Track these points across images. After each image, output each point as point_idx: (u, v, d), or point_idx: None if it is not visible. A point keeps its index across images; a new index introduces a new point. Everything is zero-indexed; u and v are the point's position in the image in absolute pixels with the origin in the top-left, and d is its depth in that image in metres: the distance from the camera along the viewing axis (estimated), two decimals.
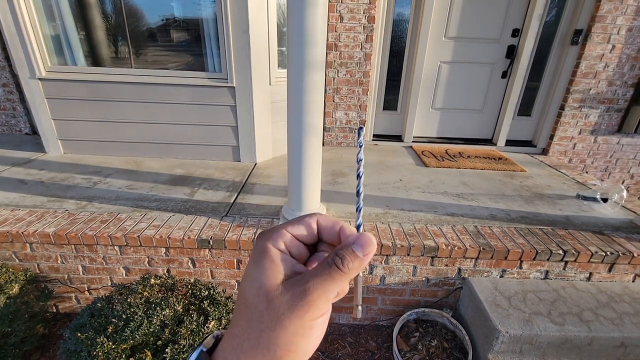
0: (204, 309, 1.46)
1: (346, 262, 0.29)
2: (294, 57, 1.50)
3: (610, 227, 2.04)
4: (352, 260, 0.29)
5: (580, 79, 3.08)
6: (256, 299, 0.29)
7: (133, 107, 2.72)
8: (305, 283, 0.28)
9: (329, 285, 0.28)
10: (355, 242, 0.30)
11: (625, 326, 1.60)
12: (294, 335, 0.27)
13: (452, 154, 3.23)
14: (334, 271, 0.29)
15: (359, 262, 0.30)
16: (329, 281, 0.28)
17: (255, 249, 0.31)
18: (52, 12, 2.56)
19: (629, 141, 3.35)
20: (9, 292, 1.68)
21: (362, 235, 0.31)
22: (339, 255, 0.29)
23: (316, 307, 0.28)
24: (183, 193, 2.26)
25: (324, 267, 0.29)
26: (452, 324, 1.85)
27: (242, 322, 0.29)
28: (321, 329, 0.30)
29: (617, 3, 2.80)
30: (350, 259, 0.29)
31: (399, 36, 3.21)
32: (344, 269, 0.29)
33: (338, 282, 0.29)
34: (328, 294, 0.28)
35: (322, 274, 0.29)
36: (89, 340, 1.28)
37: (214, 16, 2.50)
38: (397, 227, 1.94)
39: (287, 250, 0.31)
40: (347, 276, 0.29)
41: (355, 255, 0.30)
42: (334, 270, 0.29)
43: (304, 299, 0.28)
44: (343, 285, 0.30)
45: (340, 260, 0.29)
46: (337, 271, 0.29)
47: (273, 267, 0.29)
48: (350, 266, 0.29)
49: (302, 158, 1.70)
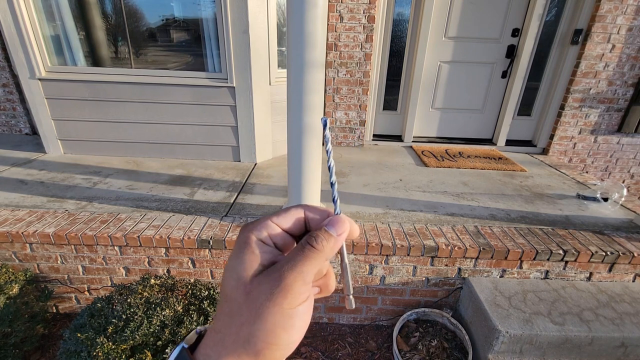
0: (204, 309, 1.46)
1: (319, 240, 0.29)
2: (294, 57, 1.50)
3: (610, 227, 2.04)
4: (325, 238, 0.29)
5: (580, 78, 3.07)
6: (235, 291, 0.28)
7: (133, 107, 2.72)
8: (280, 268, 0.28)
9: (302, 265, 0.28)
10: (328, 222, 0.30)
11: (625, 326, 1.60)
12: (274, 327, 0.27)
13: (452, 153, 3.23)
14: (307, 250, 0.28)
15: (333, 241, 0.29)
16: (302, 261, 0.28)
17: (238, 240, 0.30)
18: (52, 12, 2.56)
19: (629, 141, 3.35)
20: (9, 293, 1.68)
21: (335, 216, 0.31)
22: (313, 235, 0.29)
23: (294, 292, 0.27)
24: (183, 193, 2.26)
25: (297, 249, 0.29)
26: (452, 324, 1.85)
27: (223, 316, 0.28)
28: (303, 320, 0.28)
29: (617, 3, 2.80)
30: (323, 237, 0.29)
31: (399, 36, 3.21)
32: (317, 246, 0.29)
33: (313, 262, 0.28)
34: (304, 275, 0.28)
35: (295, 256, 0.28)
36: (89, 340, 1.28)
37: (213, 16, 2.50)
38: (397, 227, 1.94)
39: (272, 241, 0.30)
40: (321, 254, 0.29)
41: (329, 234, 0.29)
42: (307, 249, 0.28)
43: (280, 284, 0.27)
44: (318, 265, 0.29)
45: (313, 239, 0.29)
46: (311, 249, 0.28)
47: (252, 257, 0.28)
48: (323, 244, 0.29)
49: (302, 158, 1.70)
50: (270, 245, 0.30)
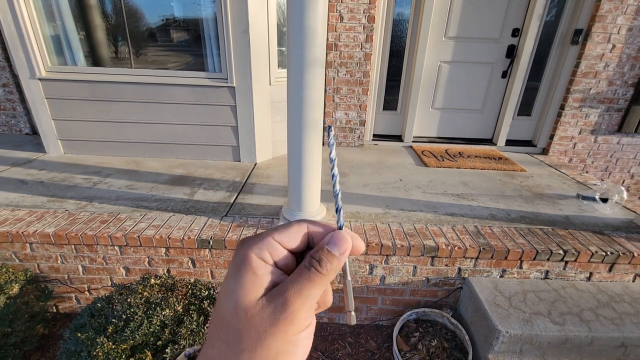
0: (204, 309, 1.46)
1: (324, 263, 0.27)
2: (294, 57, 1.50)
3: (610, 227, 2.04)
4: (329, 260, 0.28)
5: (581, 78, 3.07)
6: (234, 317, 0.26)
7: (133, 107, 2.72)
8: (285, 292, 0.26)
9: (308, 290, 0.26)
10: (329, 241, 0.29)
11: (625, 326, 1.60)
12: (276, 354, 0.25)
13: (452, 153, 3.22)
14: (312, 274, 0.27)
15: (336, 262, 0.28)
16: (308, 286, 0.27)
17: (235, 258, 0.28)
18: (52, 12, 2.56)
19: (629, 141, 3.35)
20: (9, 292, 1.68)
21: (336, 233, 0.29)
22: (315, 257, 0.28)
23: (299, 319, 0.26)
24: (183, 193, 2.26)
25: (301, 271, 0.27)
26: (452, 324, 1.84)
27: (218, 343, 0.26)
28: (306, 345, 0.27)
29: (617, 3, 2.80)
30: (327, 259, 0.28)
31: (399, 36, 3.21)
32: (322, 270, 0.27)
33: (318, 286, 0.27)
34: (310, 300, 0.26)
35: (300, 279, 0.27)
36: (89, 340, 1.28)
37: (214, 16, 2.50)
38: (397, 227, 1.94)
39: (272, 261, 0.28)
40: (327, 278, 0.27)
41: (332, 254, 0.28)
42: (312, 273, 0.27)
43: (285, 310, 0.25)
44: (323, 288, 0.28)
45: (317, 262, 0.27)
46: (316, 274, 0.27)
47: (254, 279, 0.26)
48: (328, 267, 0.27)
49: (302, 158, 1.70)
50: (271, 264, 0.28)
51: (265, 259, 0.27)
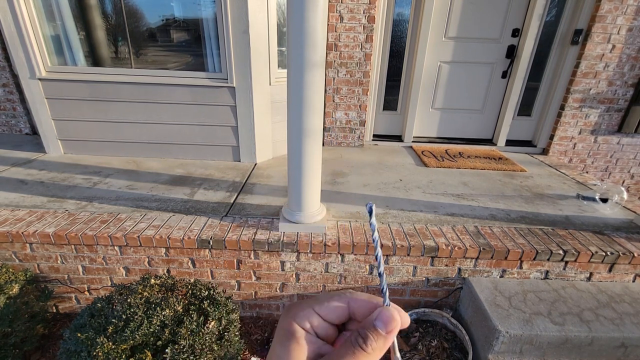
0: (204, 309, 1.46)
1: (369, 342, 0.28)
2: (294, 57, 1.50)
3: (610, 227, 2.04)
4: (375, 339, 0.28)
5: (580, 78, 3.07)
6: None
7: (133, 107, 2.72)
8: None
9: None
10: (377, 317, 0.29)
11: (625, 326, 1.60)
12: None
13: (452, 154, 3.22)
14: (357, 351, 0.27)
15: (382, 341, 0.28)
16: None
17: (281, 326, 0.30)
18: (52, 12, 2.56)
19: (629, 141, 3.35)
20: (9, 292, 1.68)
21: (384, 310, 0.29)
22: (362, 334, 0.28)
23: None
24: (183, 193, 2.26)
25: (347, 347, 0.28)
26: (452, 324, 1.84)
27: None
28: None
29: (617, 3, 2.80)
30: (373, 337, 0.28)
31: (399, 36, 3.21)
32: (367, 349, 0.27)
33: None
34: None
35: (345, 355, 0.27)
36: (89, 340, 1.28)
37: (214, 16, 2.50)
38: (397, 227, 1.94)
39: (314, 331, 0.30)
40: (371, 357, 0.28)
41: (378, 333, 0.28)
42: (357, 350, 0.27)
43: None
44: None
45: (362, 340, 0.28)
46: (361, 352, 0.27)
47: (298, 348, 0.28)
48: (373, 346, 0.28)
49: (302, 158, 1.70)
50: (313, 335, 0.30)
51: (306, 329, 0.29)
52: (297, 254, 1.85)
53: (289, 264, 1.89)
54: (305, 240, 1.80)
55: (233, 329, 1.49)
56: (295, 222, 1.84)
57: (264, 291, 2.00)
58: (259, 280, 1.95)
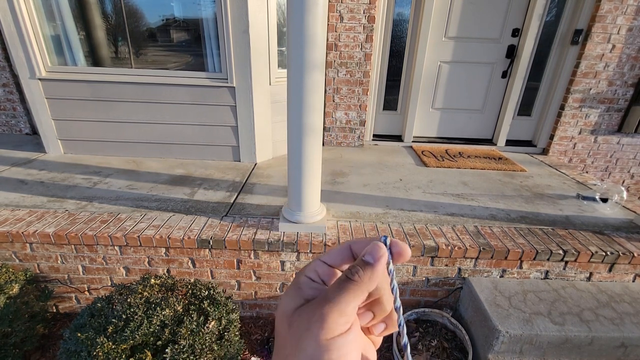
0: (204, 309, 1.46)
1: (355, 270, 0.29)
2: (294, 57, 1.50)
3: (610, 227, 2.04)
4: (362, 268, 0.29)
5: (580, 78, 3.07)
6: (280, 325, 0.29)
7: (133, 107, 2.72)
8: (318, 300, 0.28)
9: (339, 296, 0.28)
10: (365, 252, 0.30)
11: (625, 326, 1.60)
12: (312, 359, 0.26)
13: (452, 153, 3.23)
14: (344, 282, 0.28)
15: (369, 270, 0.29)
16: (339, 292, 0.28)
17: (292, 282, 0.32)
18: (52, 12, 2.56)
19: (629, 141, 3.35)
20: (9, 292, 1.68)
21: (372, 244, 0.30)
22: (351, 267, 0.29)
23: (329, 322, 0.27)
24: (183, 193, 2.26)
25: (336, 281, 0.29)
26: (452, 324, 1.84)
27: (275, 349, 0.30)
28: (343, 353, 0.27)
29: (617, 3, 2.80)
30: (360, 267, 0.29)
31: (399, 36, 3.21)
32: (354, 277, 0.28)
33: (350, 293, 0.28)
34: (340, 306, 0.27)
35: (333, 287, 0.29)
36: (89, 340, 1.28)
37: (214, 16, 2.50)
38: (397, 227, 1.94)
39: (320, 278, 0.31)
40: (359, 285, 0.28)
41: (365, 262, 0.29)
42: (344, 280, 0.29)
43: (316, 313, 0.27)
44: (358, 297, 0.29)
45: (350, 271, 0.29)
46: (348, 280, 0.28)
47: (297, 292, 0.30)
48: (360, 274, 0.28)
49: (302, 158, 1.70)
50: (318, 282, 0.31)
51: (312, 278, 0.31)
52: (297, 253, 1.85)
53: (289, 263, 1.89)
54: (305, 240, 1.80)
55: (233, 329, 1.49)
56: (296, 222, 1.84)
57: (264, 291, 2.00)
58: (259, 280, 1.95)
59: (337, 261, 0.32)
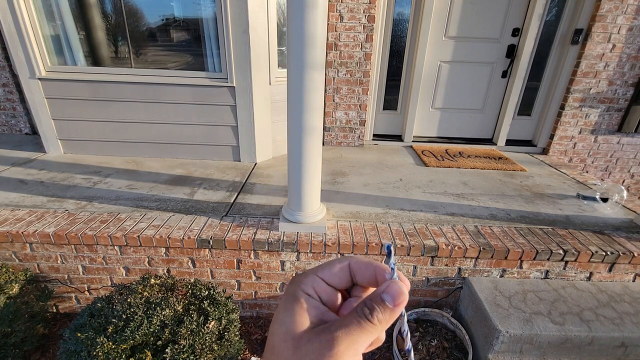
0: (204, 309, 1.46)
1: (375, 313, 0.28)
2: (294, 57, 1.50)
3: (610, 227, 2.04)
4: (381, 311, 0.28)
5: (581, 78, 3.07)
6: (283, 344, 0.28)
7: (133, 107, 2.72)
8: (334, 332, 0.27)
9: (357, 336, 0.27)
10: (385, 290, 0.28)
11: (625, 326, 1.60)
12: None
13: (452, 153, 3.22)
14: (363, 322, 0.27)
15: (389, 313, 0.28)
16: (357, 332, 0.27)
17: (286, 292, 0.31)
18: (52, 12, 2.56)
19: (629, 141, 3.35)
20: (9, 292, 1.68)
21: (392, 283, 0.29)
22: (368, 305, 0.28)
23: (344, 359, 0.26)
24: (183, 193, 2.26)
25: (352, 316, 0.28)
26: (452, 324, 1.84)
27: None
28: None
29: (618, 2, 2.80)
30: (379, 309, 0.28)
31: (399, 36, 3.20)
32: (373, 320, 0.27)
33: (367, 334, 0.27)
34: (357, 346, 0.27)
35: (350, 324, 0.27)
36: (89, 340, 1.28)
37: (213, 16, 2.49)
38: (397, 227, 1.94)
39: (317, 296, 0.30)
40: (377, 328, 0.28)
41: (385, 305, 0.28)
42: (363, 320, 0.27)
43: (331, 349, 0.26)
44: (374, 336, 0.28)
45: (369, 310, 0.28)
46: (367, 322, 0.27)
47: (301, 311, 0.29)
48: (379, 317, 0.27)
49: (302, 158, 1.70)
50: (316, 299, 0.30)
51: (309, 294, 0.30)
52: (297, 253, 1.85)
53: (289, 263, 1.89)
54: (305, 240, 1.80)
55: (233, 329, 1.49)
56: (295, 222, 1.84)
57: (264, 291, 2.00)
58: (259, 280, 1.95)
59: (336, 281, 0.31)
